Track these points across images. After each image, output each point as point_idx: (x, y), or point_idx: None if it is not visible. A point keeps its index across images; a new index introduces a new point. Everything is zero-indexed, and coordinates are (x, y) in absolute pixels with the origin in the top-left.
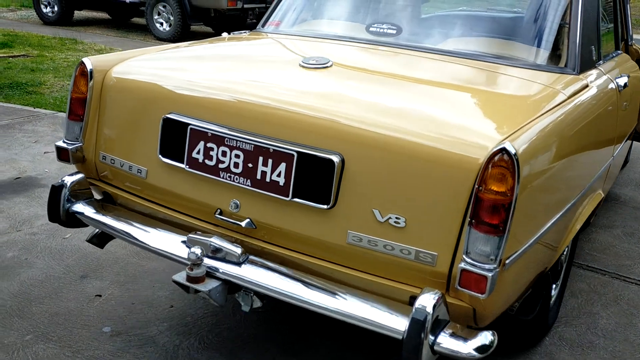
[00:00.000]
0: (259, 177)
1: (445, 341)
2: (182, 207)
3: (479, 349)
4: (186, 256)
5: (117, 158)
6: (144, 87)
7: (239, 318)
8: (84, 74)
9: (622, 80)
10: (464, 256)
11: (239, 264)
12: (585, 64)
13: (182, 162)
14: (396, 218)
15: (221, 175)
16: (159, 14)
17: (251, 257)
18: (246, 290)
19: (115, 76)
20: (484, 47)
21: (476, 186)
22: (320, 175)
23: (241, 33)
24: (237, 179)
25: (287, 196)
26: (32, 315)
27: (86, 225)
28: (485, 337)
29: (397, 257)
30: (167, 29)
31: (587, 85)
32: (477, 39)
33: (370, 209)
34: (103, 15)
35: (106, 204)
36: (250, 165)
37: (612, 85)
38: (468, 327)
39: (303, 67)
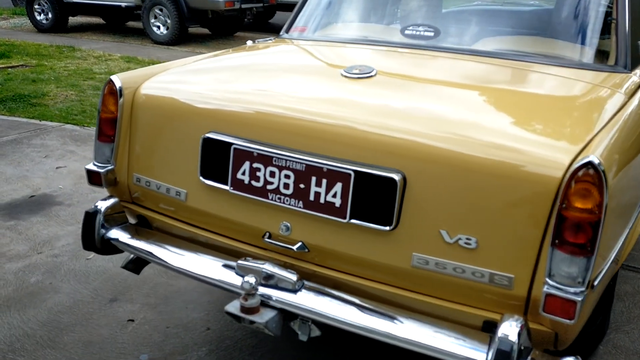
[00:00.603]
0: (312, 198)
1: None
2: (227, 230)
3: None
4: (238, 284)
5: (153, 180)
6: (178, 105)
7: (280, 339)
8: (113, 93)
9: None
10: (547, 279)
11: (294, 291)
12: (636, 61)
13: (226, 184)
14: (466, 239)
15: (270, 197)
16: (155, 18)
17: (307, 283)
18: (303, 318)
19: (146, 93)
20: (526, 46)
21: (558, 204)
22: (380, 195)
23: (266, 40)
24: (287, 200)
25: (344, 218)
26: (65, 345)
27: (122, 251)
28: None
29: (468, 280)
30: (165, 32)
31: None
32: (518, 37)
33: (437, 230)
34: (98, 20)
35: (141, 229)
36: (302, 186)
37: None
38: (545, 351)
39: (346, 77)
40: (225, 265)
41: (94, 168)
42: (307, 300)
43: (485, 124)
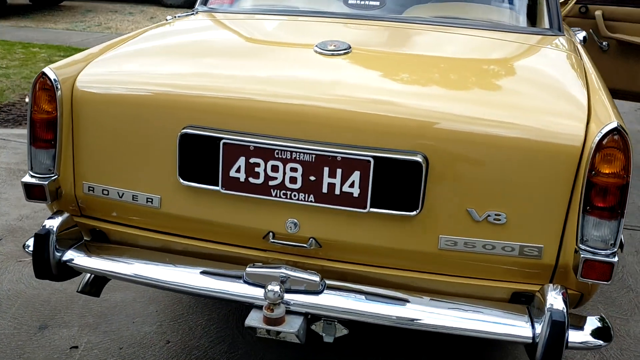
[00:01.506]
0: (325, 190)
1: (574, 336)
2: (216, 235)
3: (607, 336)
4: (252, 294)
5: (113, 188)
6: (138, 98)
7: (251, 340)
8: (47, 88)
9: (582, 35)
10: (580, 245)
11: (318, 292)
12: (561, 25)
13: (216, 184)
14: (496, 215)
15: (273, 194)
16: None
17: (328, 282)
18: (328, 319)
19: (88, 86)
20: (471, 13)
21: (586, 171)
22: (403, 180)
23: (189, 15)
24: (294, 195)
25: (364, 208)
26: None
27: (79, 274)
28: (594, 322)
29: (498, 255)
30: None
31: (575, 45)
32: (459, 4)
33: (465, 209)
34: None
35: (100, 245)
36: (312, 178)
37: (579, 42)
38: None
39: (323, 54)
40: (216, 274)
41: (33, 180)
42: (333, 300)
43: (495, 99)
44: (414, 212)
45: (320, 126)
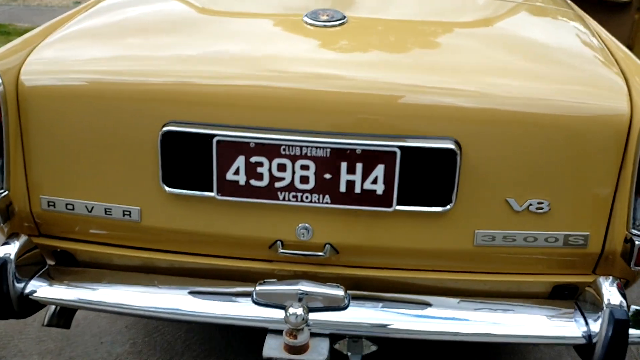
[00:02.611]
0: (343, 189)
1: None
2: (212, 248)
3: None
4: (270, 317)
5: (80, 201)
6: (105, 89)
7: (241, 349)
8: None
9: None
10: (633, 231)
11: (343, 307)
12: None
13: (210, 190)
14: (538, 203)
15: (280, 197)
16: None
17: (351, 292)
18: (353, 337)
19: (37, 76)
20: None
21: (638, 147)
22: (434, 171)
23: None
24: (306, 197)
25: (390, 206)
26: None
27: (43, 306)
28: None
29: (539, 247)
30: None
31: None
32: None
33: (504, 199)
34: None
35: (66, 269)
36: (327, 176)
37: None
38: None
39: (316, 26)
40: (216, 294)
41: None
42: (362, 315)
43: (525, 70)
44: (447, 207)
45: (334, 114)
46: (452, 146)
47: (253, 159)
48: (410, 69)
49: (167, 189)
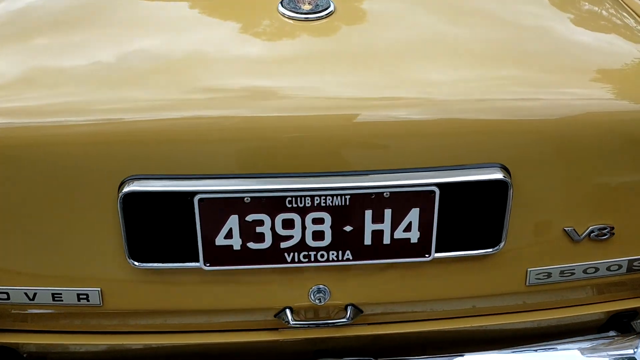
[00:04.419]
0: (368, 242)
1: None
2: (200, 324)
3: None
4: None
5: (16, 288)
6: (27, 134)
7: None
8: None
9: None
10: None
11: None
12: None
13: (194, 260)
14: (600, 230)
15: (289, 259)
16: None
17: None
18: None
19: None
20: None
21: None
22: (481, 208)
23: None
24: (322, 256)
25: (428, 255)
26: None
27: None
28: None
29: (601, 277)
30: None
31: None
32: None
33: (561, 229)
34: None
35: None
36: (348, 228)
37: None
38: None
39: (297, 19)
40: None
41: None
42: None
43: (575, 68)
44: (497, 248)
45: (351, 149)
46: (500, 176)
47: (250, 217)
48: (435, 79)
49: (135, 263)
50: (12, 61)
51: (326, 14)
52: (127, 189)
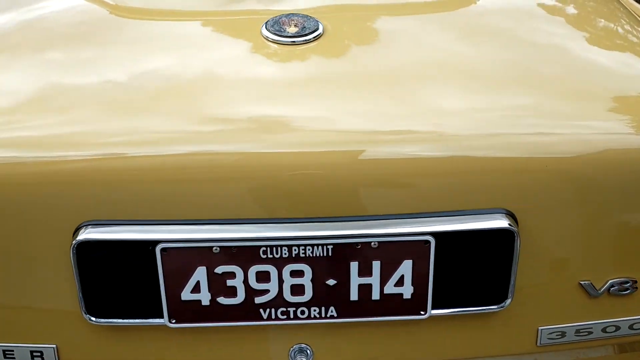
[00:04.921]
0: (354, 297)
1: None
2: None
3: None
4: None
5: None
6: None
7: None
8: None
9: None
10: None
11: None
12: None
13: (158, 316)
14: (621, 284)
15: (265, 316)
16: None
17: None
18: None
19: None
20: None
21: None
22: (484, 259)
23: None
24: (302, 312)
25: (423, 312)
26: None
27: None
28: None
29: (621, 336)
30: None
31: None
32: None
33: (576, 283)
34: None
35: None
36: (331, 282)
37: None
38: None
39: (281, 43)
40: None
41: None
42: None
43: (595, 106)
44: (502, 305)
45: (334, 192)
46: (505, 224)
47: (220, 269)
48: (431, 110)
49: (93, 319)
50: None
51: (314, 37)
52: (81, 236)
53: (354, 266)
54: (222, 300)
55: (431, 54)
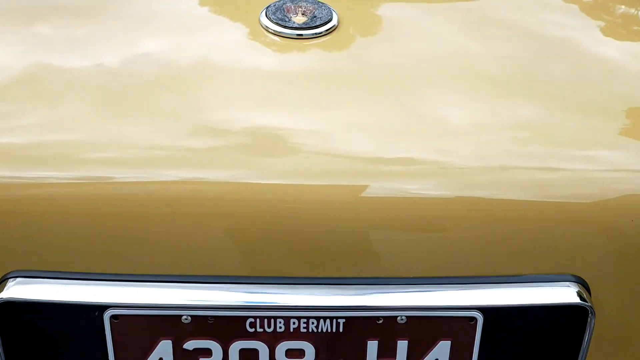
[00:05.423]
0: None
1: None
2: None
3: None
4: None
5: None
6: None
7: None
8: None
9: None
10: None
11: None
12: None
13: None
14: None
15: None
16: None
17: None
18: None
19: None
20: None
21: None
22: (543, 343)
23: None
24: None
25: None
26: None
27: None
28: None
29: None
30: None
31: None
32: None
33: None
34: None
35: None
36: None
37: None
38: None
39: (285, 37)
40: None
41: None
42: None
43: None
44: None
45: (348, 242)
46: (576, 297)
47: (190, 345)
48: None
49: None
50: None
51: (326, 30)
52: (3, 294)
53: (372, 347)
54: None
55: (476, 57)
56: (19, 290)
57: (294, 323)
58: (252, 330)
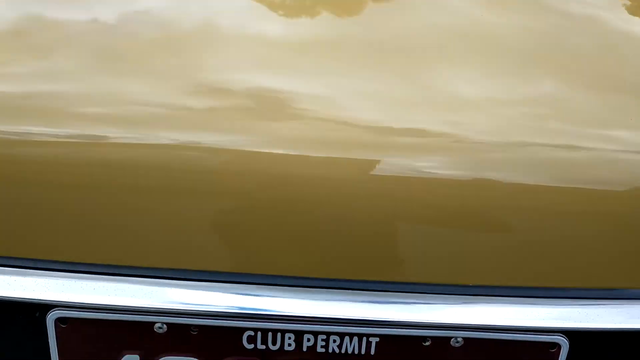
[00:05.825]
0: None
1: None
2: None
3: None
4: None
5: None
6: None
7: None
8: None
9: None
10: None
11: None
12: None
13: None
14: None
15: None
16: None
17: None
18: None
19: None
20: None
21: None
22: None
23: None
24: None
25: None
26: None
27: None
28: None
29: None
30: None
31: None
32: None
33: None
34: None
35: None
36: None
37: None
38: None
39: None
40: None
41: None
42: None
43: None
44: None
45: (390, 233)
46: None
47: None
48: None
49: None
50: None
51: None
52: None
53: None
54: None
55: (496, 28)
56: None
57: (308, 340)
58: (251, 346)
